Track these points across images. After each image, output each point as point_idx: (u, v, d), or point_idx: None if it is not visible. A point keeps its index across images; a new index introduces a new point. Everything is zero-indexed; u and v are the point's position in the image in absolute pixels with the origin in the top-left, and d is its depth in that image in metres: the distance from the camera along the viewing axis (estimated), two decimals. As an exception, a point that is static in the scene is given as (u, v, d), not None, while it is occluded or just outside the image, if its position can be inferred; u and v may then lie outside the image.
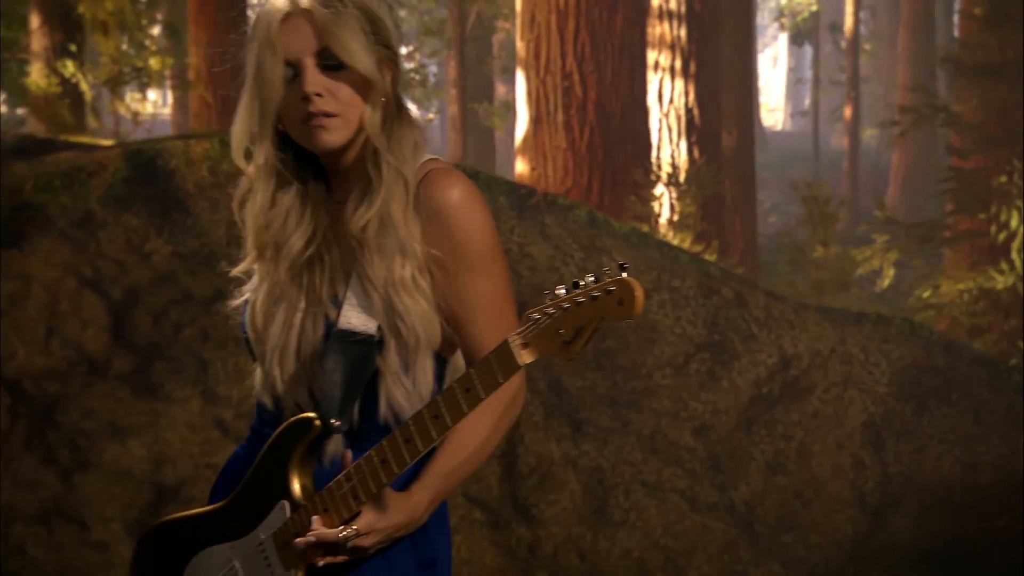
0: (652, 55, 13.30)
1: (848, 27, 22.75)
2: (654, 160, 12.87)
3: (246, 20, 15.32)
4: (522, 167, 12.59)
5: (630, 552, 6.76)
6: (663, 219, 12.66)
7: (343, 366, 2.64)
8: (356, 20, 2.65)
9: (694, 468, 7.10)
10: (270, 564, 2.69)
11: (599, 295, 2.43)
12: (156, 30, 16.23)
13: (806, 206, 14.12)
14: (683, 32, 13.36)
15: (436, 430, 2.56)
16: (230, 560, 2.74)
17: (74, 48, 12.84)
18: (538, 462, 6.90)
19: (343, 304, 2.67)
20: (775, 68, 48.81)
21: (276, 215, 2.71)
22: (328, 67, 2.63)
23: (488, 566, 6.57)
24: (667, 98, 13.34)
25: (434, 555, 2.77)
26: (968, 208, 12.39)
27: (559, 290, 2.47)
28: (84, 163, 6.92)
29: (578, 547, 6.71)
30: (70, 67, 12.68)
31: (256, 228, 2.72)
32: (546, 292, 2.50)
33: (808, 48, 30.09)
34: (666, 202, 12.72)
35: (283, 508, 2.68)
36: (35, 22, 13.30)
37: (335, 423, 2.64)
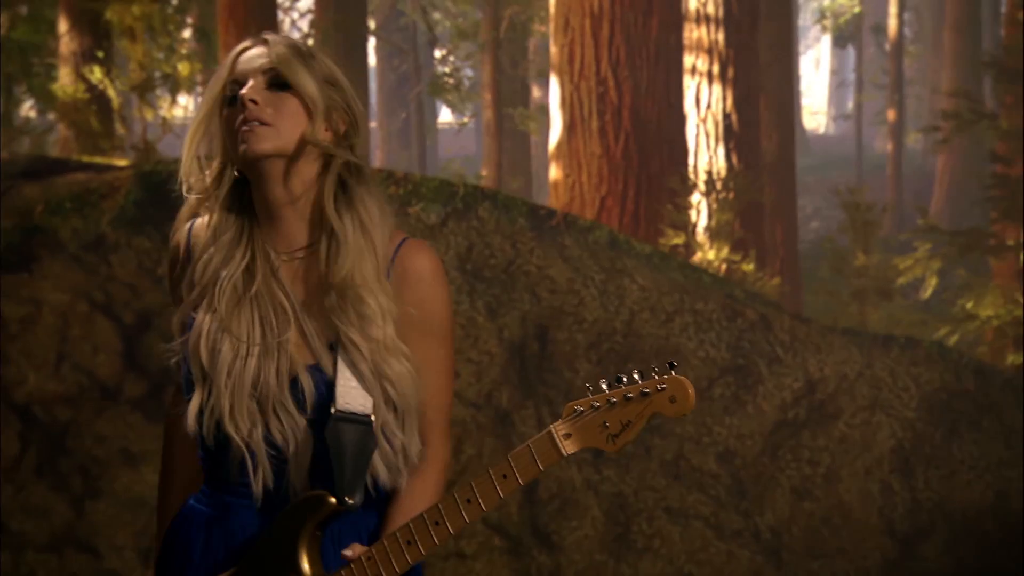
0: (689, 59, 13.24)
1: (892, 29, 22.61)
2: (691, 167, 12.82)
3: (277, 24, 15.36)
4: (556, 174, 12.57)
5: (651, 582, 6.75)
6: (700, 227, 12.62)
7: (350, 446, 2.69)
8: (314, 64, 2.74)
9: (718, 494, 7.08)
10: None
11: (650, 392, 2.58)
12: (187, 33, 16.30)
13: (847, 212, 14.03)
14: (720, 36, 13.30)
15: (504, 490, 2.64)
16: None
17: (101, 54, 12.90)
18: (559, 488, 6.90)
19: (335, 381, 2.71)
20: (818, 70, 48.59)
21: (218, 248, 2.76)
22: (273, 85, 2.70)
23: (505, 596, 6.58)
24: (704, 103, 13.29)
25: None
26: (1013, 216, 12.30)
27: (602, 383, 2.60)
28: (96, 185, 6.95)
29: (599, 575, 6.71)
30: (97, 73, 12.74)
31: (201, 262, 2.77)
32: (588, 385, 2.63)
33: (851, 50, 29.94)
34: (703, 210, 12.68)
35: None
36: (63, 26, 13.37)
37: (350, 501, 2.70)
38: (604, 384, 2.61)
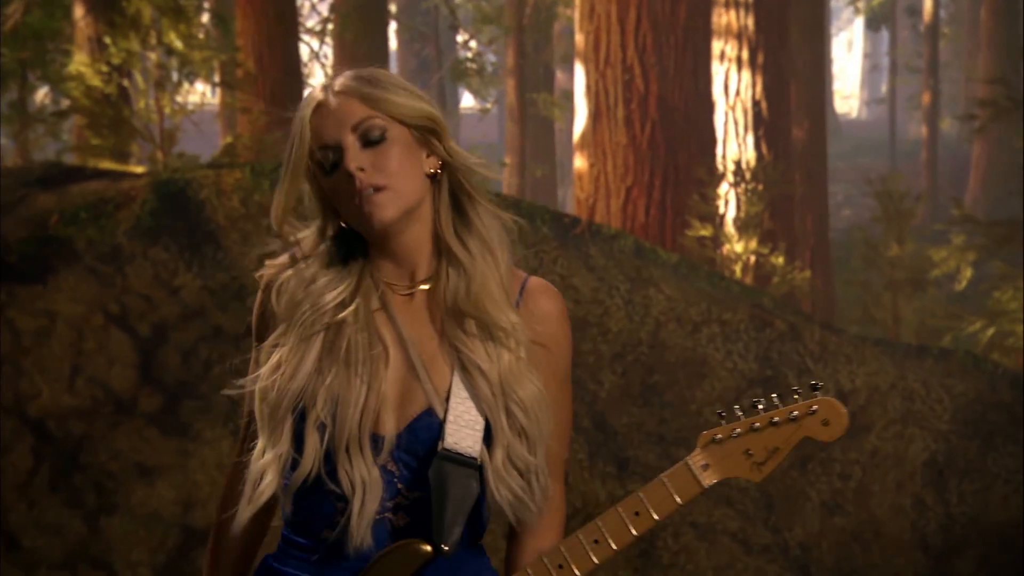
0: (717, 45, 13.20)
1: (927, 10, 22.52)
2: (719, 156, 12.79)
3: (295, 9, 15.35)
4: (581, 163, 12.56)
5: (677, 600, 6.76)
6: (728, 219, 12.59)
7: (452, 488, 2.60)
8: (390, 83, 2.66)
9: (746, 509, 7.08)
10: None
11: (800, 415, 2.50)
12: (205, 18, 16.30)
13: (880, 201, 13.99)
14: (750, 21, 13.25)
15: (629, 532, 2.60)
16: None
17: (118, 41, 12.88)
18: (583, 503, 6.90)
19: (446, 418, 2.62)
20: (850, 53, 48.41)
21: (314, 290, 2.66)
22: (369, 142, 2.61)
23: (528, 615, 6.58)
24: (733, 90, 13.25)
25: None
26: (1049, 206, 12.26)
27: (737, 410, 2.55)
28: (111, 194, 6.97)
29: (623, 593, 6.72)
30: (114, 59, 12.73)
31: (290, 302, 2.66)
32: (719, 411, 2.57)
33: (885, 33, 29.82)
34: (732, 201, 12.64)
35: None
36: (78, 11, 13.38)
37: (446, 548, 2.60)
38: (739, 410, 2.55)
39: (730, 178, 12.68)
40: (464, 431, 2.60)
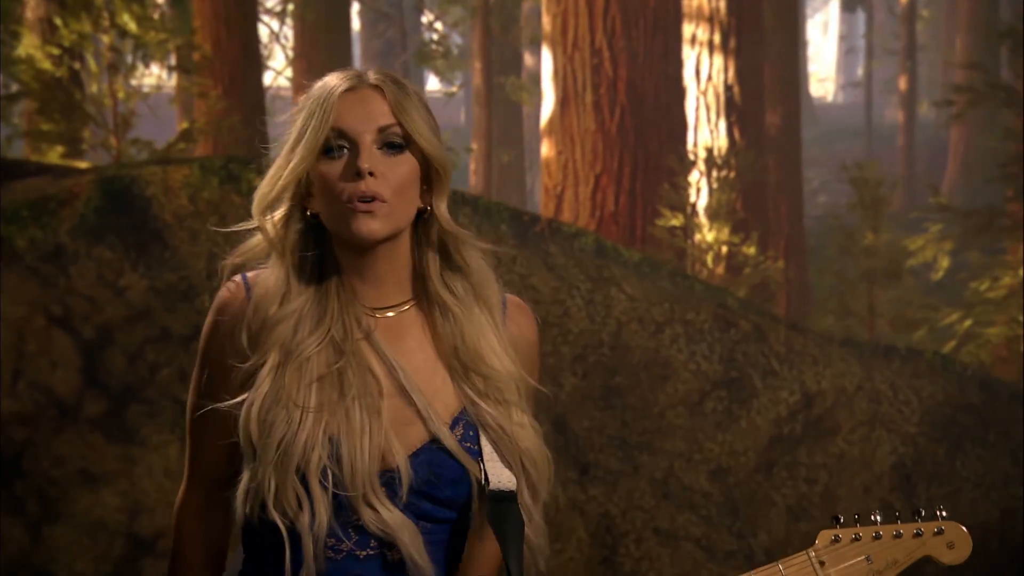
0: (688, 29, 13.19)
1: (904, -9, 22.59)
2: (690, 143, 12.79)
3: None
4: (548, 150, 12.55)
5: (637, 609, 6.77)
6: (700, 207, 12.60)
7: (511, 529, 2.54)
8: (422, 104, 2.58)
9: (710, 514, 7.09)
10: None
11: (924, 534, 2.61)
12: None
13: (856, 188, 14.02)
14: (722, 3, 13.25)
15: None
16: None
17: (69, 23, 12.80)
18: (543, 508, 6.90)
19: (482, 459, 2.56)
20: (826, 35, 48.46)
21: (287, 313, 2.56)
22: (388, 146, 2.53)
23: (484, 626, 6.58)
24: (705, 75, 13.24)
25: None
26: (1028, 195, 12.30)
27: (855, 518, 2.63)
28: (54, 192, 6.93)
29: (583, 601, 6.73)
30: (65, 41, 12.66)
31: (266, 321, 2.55)
32: (836, 516, 2.65)
33: (861, 14, 29.88)
34: (703, 189, 12.65)
35: None
36: (29, -10, 13.30)
37: None
38: (856, 518, 2.63)
39: (701, 165, 12.69)
40: (500, 467, 2.56)
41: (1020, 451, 7.39)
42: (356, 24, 25.54)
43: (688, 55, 13.05)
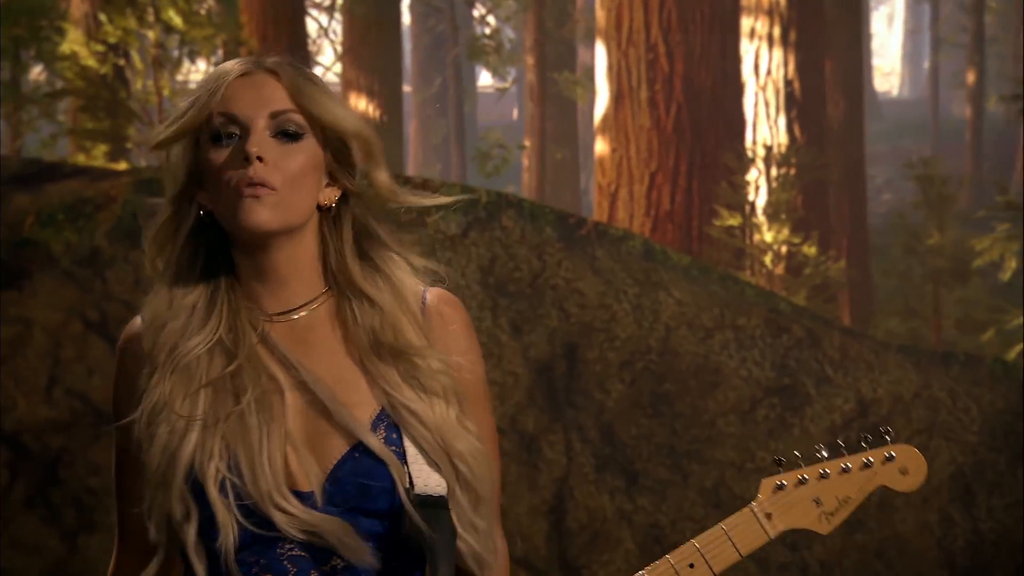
0: (747, 22, 13.16)
1: (972, -19, 22.43)
2: (749, 140, 12.76)
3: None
4: (602, 147, 12.55)
5: (687, 623, 6.74)
6: (758, 207, 12.57)
7: (442, 534, 2.42)
8: (325, 88, 2.49)
9: (762, 525, 7.06)
10: None
11: (874, 462, 2.47)
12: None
13: (921, 186, 13.95)
14: (782, -6, 13.23)
15: None
16: None
17: (114, 19, 12.87)
18: (589, 518, 6.91)
19: (406, 461, 2.42)
20: (891, 27, 48.20)
21: (177, 314, 2.44)
22: (283, 134, 2.42)
23: (529, 639, 6.60)
24: (764, 70, 13.21)
25: None
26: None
27: (797, 456, 2.47)
28: (91, 194, 6.97)
29: (631, 614, 6.71)
30: (110, 37, 12.72)
31: (157, 330, 2.44)
32: (777, 458, 2.48)
33: (927, 5, 29.70)
34: (762, 187, 12.62)
35: None
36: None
37: None
38: (799, 457, 2.48)
39: (760, 164, 12.65)
40: (426, 470, 2.43)
41: (1084, 461, 7.35)
42: (406, 18, 25.60)
43: (747, 49, 13.03)
